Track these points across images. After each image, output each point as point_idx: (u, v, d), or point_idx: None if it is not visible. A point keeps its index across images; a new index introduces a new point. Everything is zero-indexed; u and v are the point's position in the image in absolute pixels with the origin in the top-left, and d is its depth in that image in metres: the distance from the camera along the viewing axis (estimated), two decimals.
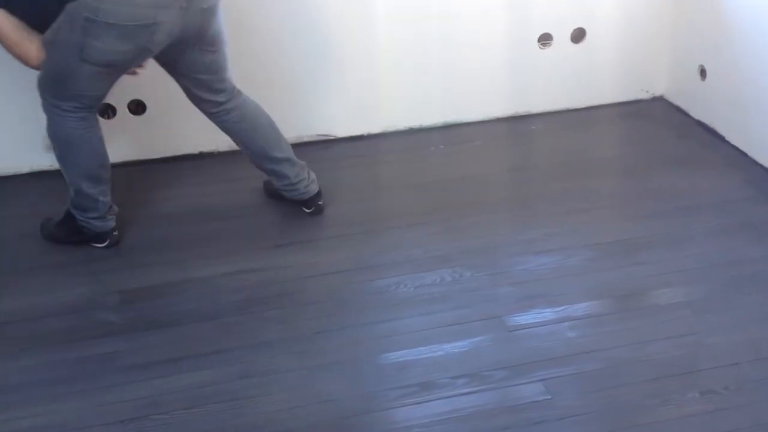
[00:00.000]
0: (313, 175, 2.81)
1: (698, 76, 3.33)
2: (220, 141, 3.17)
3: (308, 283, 2.49)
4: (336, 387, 2.09)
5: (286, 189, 2.77)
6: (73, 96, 2.38)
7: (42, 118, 2.47)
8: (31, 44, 2.32)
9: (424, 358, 2.18)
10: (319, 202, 2.81)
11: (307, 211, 2.81)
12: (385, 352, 2.20)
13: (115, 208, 2.66)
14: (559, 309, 2.33)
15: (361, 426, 1.98)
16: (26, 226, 2.77)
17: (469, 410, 2.00)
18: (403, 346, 2.23)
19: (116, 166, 2.96)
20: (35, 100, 2.45)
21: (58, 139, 2.48)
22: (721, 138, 3.23)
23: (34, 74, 2.42)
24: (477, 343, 2.22)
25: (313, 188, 2.79)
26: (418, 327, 2.30)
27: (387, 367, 2.16)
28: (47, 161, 3.00)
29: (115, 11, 2.19)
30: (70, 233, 2.63)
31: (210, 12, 2.39)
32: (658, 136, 3.32)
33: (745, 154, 3.10)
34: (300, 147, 3.24)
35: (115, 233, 2.66)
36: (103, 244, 2.64)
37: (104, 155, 2.54)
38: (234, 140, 2.75)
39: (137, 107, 3.12)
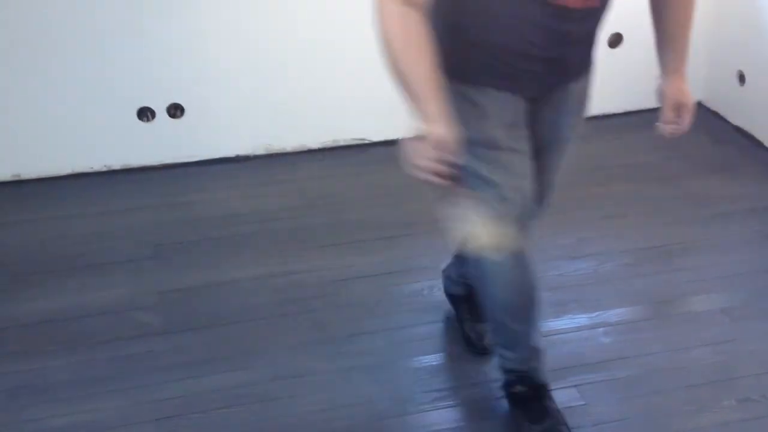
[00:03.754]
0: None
1: (737, 82, 3.29)
2: (257, 144, 3.21)
3: (342, 286, 2.50)
4: (368, 389, 2.10)
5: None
6: None
7: None
8: None
9: (454, 363, 2.18)
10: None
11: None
12: (418, 356, 2.21)
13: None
14: (593, 315, 2.31)
15: (393, 429, 1.98)
16: (65, 228, 2.82)
17: (497, 413, 2.00)
18: (436, 349, 2.23)
19: (153, 169, 3.00)
20: (75, 100, 2.44)
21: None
22: (760, 144, 3.19)
23: (76, 71, 2.43)
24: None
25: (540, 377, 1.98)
26: (449, 330, 2.30)
27: (418, 370, 2.16)
28: (89, 163, 3.05)
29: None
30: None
31: None
32: (696, 142, 3.27)
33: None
34: (335, 150, 3.27)
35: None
36: None
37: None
38: None
39: (176, 110, 3.16)
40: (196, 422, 2.01)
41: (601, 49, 3.39)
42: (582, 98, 1.79)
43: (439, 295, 2.43)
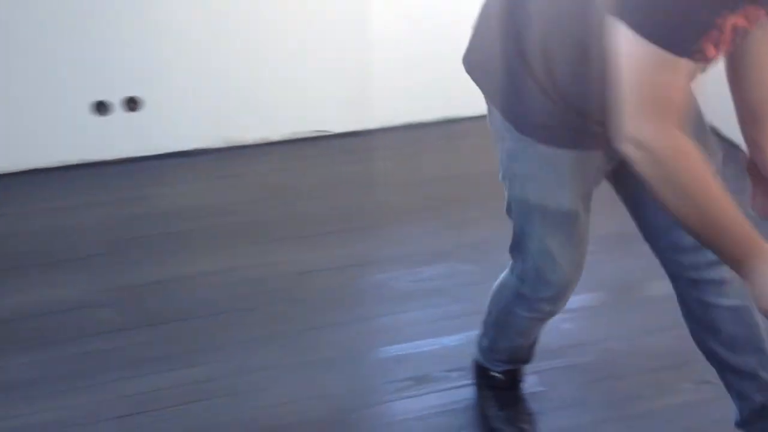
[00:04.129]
0: None
1: None
2: (215, 137, 3.19)
3: (304, 279, 2.49)
4: (333, 382, 2.10)
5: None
6: None
7: None
8: None
9: (421, 352, 2.19)
10: None
11: None
12: (382, 346, 2.22)
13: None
14: None
15: (358, 420, 1.99)
16: (20, 225, 2.77)
17: (464, 403, 2.01)
18: (400, 340, 2.24)
19: (110, 164, 2.96)
20: (29, 96, 2.38)
21: None
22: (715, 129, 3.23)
23: (28, 66, 2.38)
24: (473, 337, 2.21)
25: None
26: (414, 321, 2.31)
27: (384, 361, 2.17)
28: (44, 159, 3.01)
29: None
30: None
31: None
32: None
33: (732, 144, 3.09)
34: (296, 142, 3.25)
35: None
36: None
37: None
38: None
39: (132, 104, 3.12)
40: (159, 418, 2.00)
41: None
42: None
43: (403, 285, 2.43)
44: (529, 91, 1.43)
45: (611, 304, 2.34)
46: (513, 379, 1.97)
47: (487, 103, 1.59)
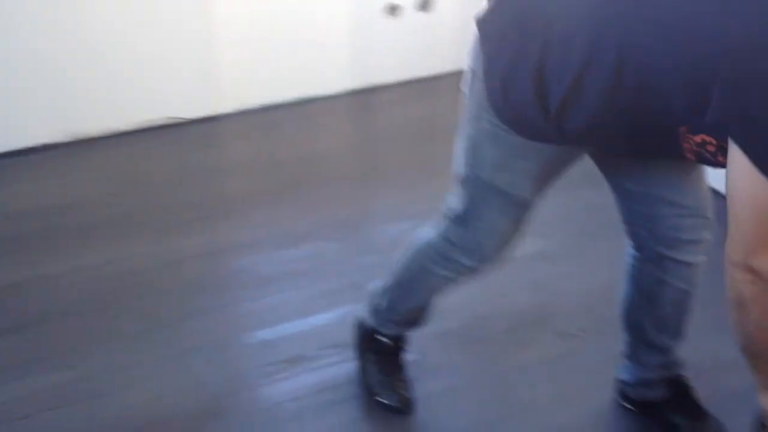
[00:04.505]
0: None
1: None
2: (62, 131, 3.04)
3: (166, 271, 2.42)
4: (204, 372, 2.05)
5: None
6: None
7: None
8: None
9: (291, 333, 2.17)
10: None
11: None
12: (251, 331, 2.18)
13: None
14: None
15: (233, 408, 1.95)
16: None
17: (339, 378, 2.01)
18: (269, 323, 2.21)
19: None
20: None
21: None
22: None
23: None
24: (344, 314, 2.22)
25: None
26: (282, 303, 2.28)
27: (253, 345, 2.14)
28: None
29: None
30: None
31: None
32: None
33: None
34: (146, 132, 3.15)
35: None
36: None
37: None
38: None
39: None
40: (22, 428, 1.89)
41: (409, 14, 3.51)
42: None
43: (268, 269, 2.41)
44: (528, 97, 1.39)
45: None
46: (398, 346, 1.98)
47: (473, 68, 1.52)
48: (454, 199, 1.66)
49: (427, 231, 1.76)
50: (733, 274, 1.29)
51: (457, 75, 3.57)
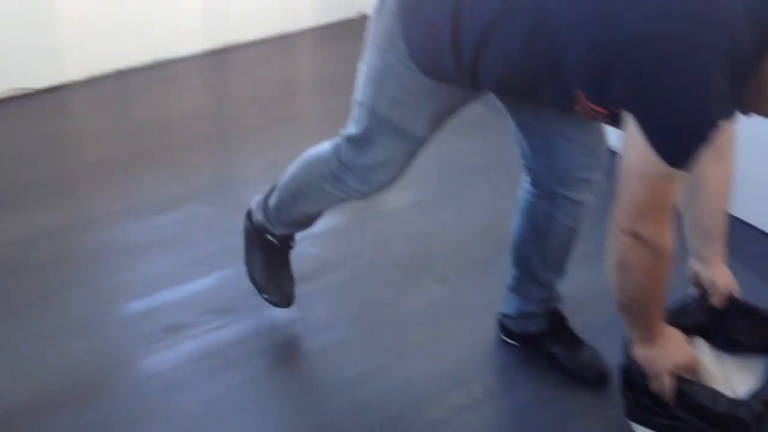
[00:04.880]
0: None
1: None
2: None
3: (27, 248, 2.28)
4: (77, 348, 1.94)
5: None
6: None
7: None
8: None
9: (168, 302, 2.09)
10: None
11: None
12: (126, 303, 2.08)
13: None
14: None
15: (112, 382, 1.87)
16: None
17: (222, 343, 1.96)
18: (143, 293, 2.12)
19: None
20: None
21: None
22: None
23: None
24: (222, 277, 2.17)
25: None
26: (156, 271, 2.20)
27: (129, 317, 2.05)
28: None
29: None
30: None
31: None
32: None
33: None
34: None
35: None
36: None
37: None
38: None
39: None
40: None
41: None
42: None
43: (138, 238, 2.31)
44: (443, 45, 1.42)
45: (353, 222, 2.38)
46: (285, 245, 1.99)
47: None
48: (351, 121, 1.65)
49: (323, 146, 1.76)
50: (619, 238, 1.37)
51: (316, 31, 3.57)
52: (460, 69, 1.43)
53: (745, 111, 1.35)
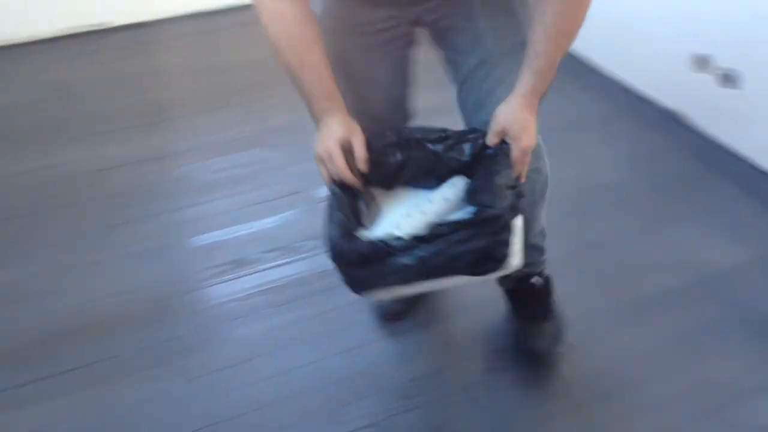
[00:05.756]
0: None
1: None
2: None
3: (102, 177, 2.39)
4: (147, 274, 2.05)
5: None
6: None
7: None
8: None
9: (234, 237, 2.18)
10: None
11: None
12: (193, 236, 2.18)
13: None
14: None
15: (177, 306, 1.96)
16: None
17: (282, 280, 2.04)
18: (211, 228, 2.21)
19: None
20: None
21: None
22: None
23: None
24: (286, 218, 2.25)
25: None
26: (225, 208, 2.28)
27: (197, 249, 2.14)
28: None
29: None
30: None
31: None
32: None
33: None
34: (73, 38, 3.04)
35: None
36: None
37: None
38: None
39: None
40: None
41: None
42: None
43: (209, 175, 2.39)
44: None
45: None
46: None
47: None
48: None
49: None
50: None
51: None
52: None
53: None
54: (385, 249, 1.27)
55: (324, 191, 1.39)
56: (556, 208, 1.66)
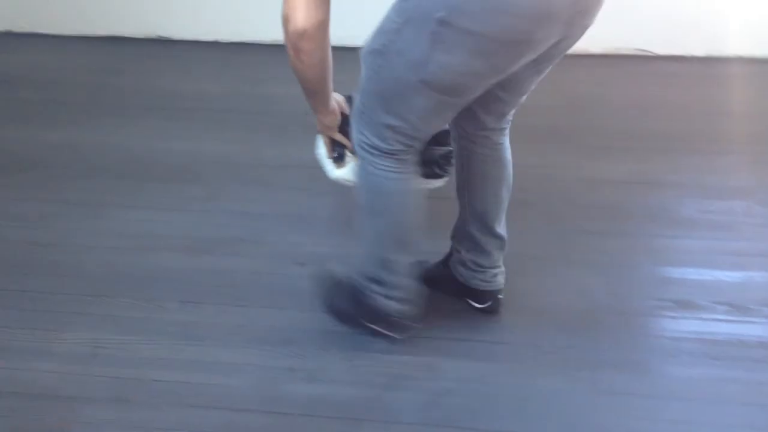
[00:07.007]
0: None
1: None
2: None
3: (591, 186, 2.53)
4: (595, 283, 2.15)
5: (472, 272, 2.03)
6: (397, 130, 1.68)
7: None
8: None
9: (690, 279, 2.17)
10: (499, 296, 2.05)
11: (478, 306, 2.06)
12: (654, 264, 2.21)
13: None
14: None
15: (612, 321, 2.03)
16: None
17: (723, 336, 1.98)
18: (673, 263, 2.23)
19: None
20: None
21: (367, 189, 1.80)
22: None
23: None
24: (750, 277, 2.16)
25: (500, 280, 2.05)
26: (693, 249, 2.28)
27: (651, 277, 2.18)
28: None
29: (482, 16, 1.45)
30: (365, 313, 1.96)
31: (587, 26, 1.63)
32: None
33: None
34: (614, 59, 3.24)
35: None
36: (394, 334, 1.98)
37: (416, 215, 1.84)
38: (461, 182, 1.97)
39: None
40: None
41: None
42: None
43: (690, 212, 2.39)
44: None
45: None
46: None
47: None
48: None
49: None
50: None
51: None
52: None
53: None
54: None
55: None
56: None
